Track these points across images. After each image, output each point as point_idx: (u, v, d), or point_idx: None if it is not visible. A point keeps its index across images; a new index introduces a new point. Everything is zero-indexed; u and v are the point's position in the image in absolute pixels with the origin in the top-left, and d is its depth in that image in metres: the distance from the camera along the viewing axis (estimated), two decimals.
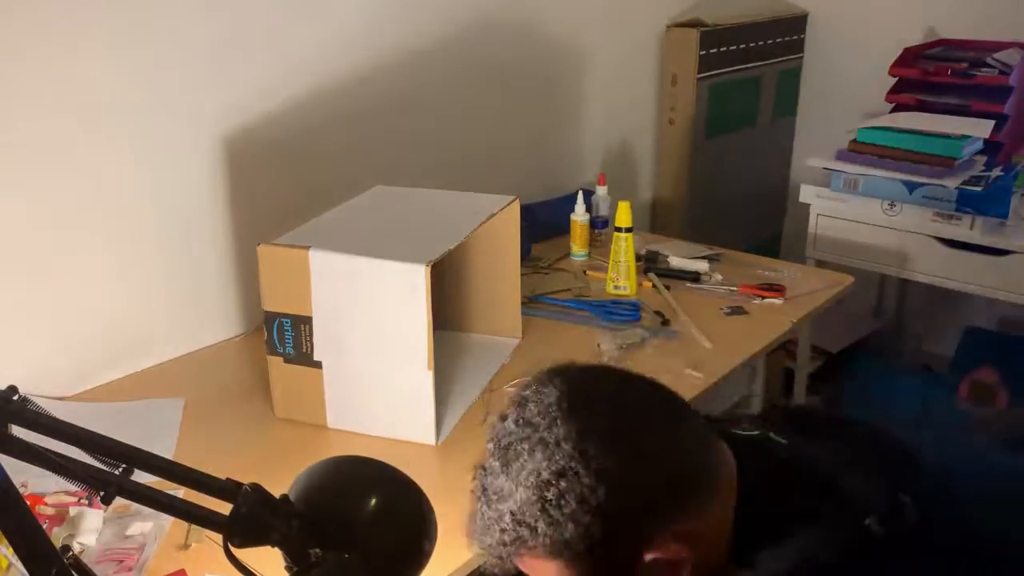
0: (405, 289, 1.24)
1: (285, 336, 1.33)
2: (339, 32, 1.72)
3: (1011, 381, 2.34)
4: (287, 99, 1.67)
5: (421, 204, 1.55)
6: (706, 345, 1.59)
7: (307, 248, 1.28)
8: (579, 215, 2.05)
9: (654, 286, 1.87)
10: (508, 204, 1.51)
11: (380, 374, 1.31)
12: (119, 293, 1.50)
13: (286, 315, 1.32)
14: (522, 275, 1.64)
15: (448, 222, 1.41)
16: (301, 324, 1.31)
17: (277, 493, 0.71)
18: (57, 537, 1.06)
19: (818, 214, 2.35)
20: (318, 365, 1.33)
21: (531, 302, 1.78)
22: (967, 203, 2.14)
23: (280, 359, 1.35)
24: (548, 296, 1.83)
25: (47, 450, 0.65)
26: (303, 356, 1.33)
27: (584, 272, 1.98)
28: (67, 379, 1.45)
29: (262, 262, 1.31)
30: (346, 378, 1.33)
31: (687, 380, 1.45)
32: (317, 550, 0.69)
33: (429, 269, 1.22)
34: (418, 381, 1.28)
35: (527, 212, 2.14)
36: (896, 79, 2.38)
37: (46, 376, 1.42)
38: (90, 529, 1.08)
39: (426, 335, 1.25)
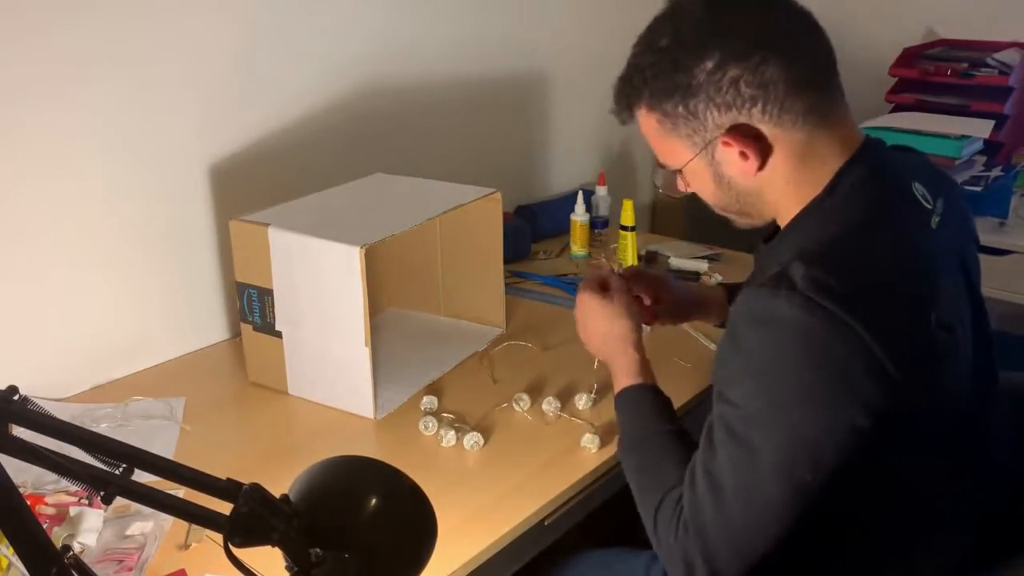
0: (344, 269, 1.30)
1: (253, 306, 1.43)
2: (343, 46, 1.72)
3: None
4: (284, 111, 1.67)
5: (405, 191, 1.59)
6: (707, 345, 1.59)
7: (267, 225, 1.37)
8: (579, 215, 2.05)
9: None
10: (486, 195, 1.55)
11: (327, 348, 1.38)
12: (119, 294, 1.50)
13: (253, 286, 1.42)
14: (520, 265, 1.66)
15: (418, 209, 1.47)
16: (265, 296, 1.41)
17: (278, 493, 0.71)
18: (57, 537, 1.06)
19: None
20: (279, 335, 1.43)
21: (516, 277, 1.83)
22: (967, 203, 2.13)
23: (250, 327, 1.46)
24: (532, 273, 1.84)
25: (47, 450, 0.64)
26: (267, 326, 1.43)
27: (590, 256, 2.00)
28: (67, 379, 1.45)
29: (233, 236, 1.42)
30: (301, 349, 1.42)
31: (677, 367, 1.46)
32: (317, 550, 0.69)
33: (363, 251, 1.28)
34: (357, 357, 1.35)
35: (527, 212, 2.15)
36: (896, 79, 2.38)
37: (46, 376, 1.42)
38: (90, 529, 1.08)
39: (362, 313, 1.31)
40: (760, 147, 0.95)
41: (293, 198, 1.51)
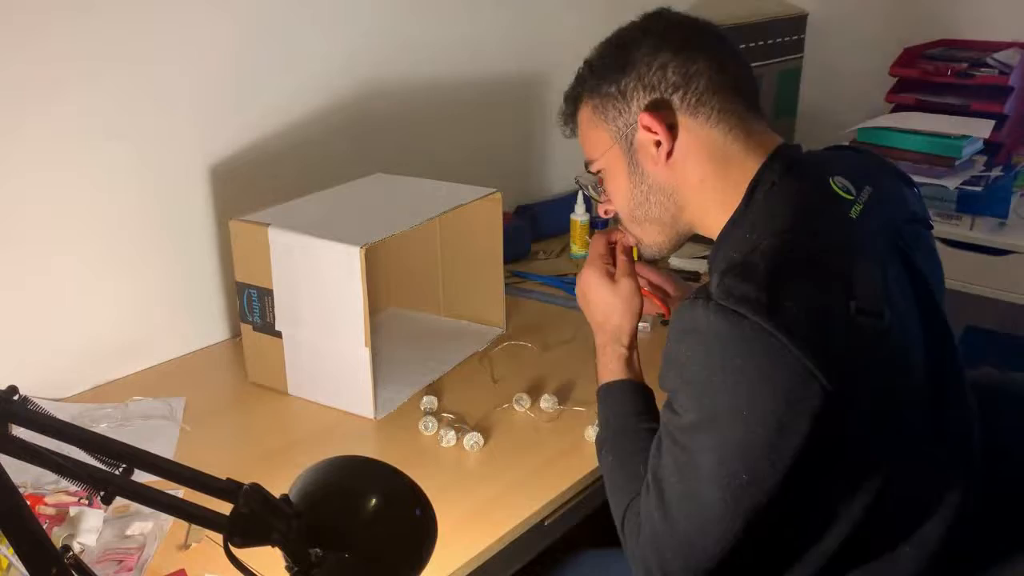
0: (344, 269, 1.30)
1: (253, 306, 1.43)
2: (344, 46, 1.72)
3: None
4: (284, 111, 1.67)
5: (405, 191, 1.59)
6: None
7: (267, 225, 1.37)
8: (579, 215, 2.05)
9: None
10: (486, 195, 1.56)
11: (327, 348, 1.38)
12: (119, 294, 1.50)
13: (253, 286, 1.42)
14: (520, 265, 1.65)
15: (418, 209, 1.47)
16: (265, 296, 1.41)
17: (278, 493, 0.71)
18: (57, 537, 1.06)
19: None
20: (279, 335, 1.43)
21: (516, 277, 1.83)
22: (967, 203, 2.14)
23: (250, 327, 1.46)
24: (533, 273, 1.85)
25: (47, 450, 0.64)
26: (267, 325, 1.43)
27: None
28: (67, 379, 1.45)
29: (233, 236, 1.42)
30: (301, 349, 1.42)
31: None
32: (317, 550, 0.69)
33: (363, 251, 1.28)
34: (357, 357, 1.35)
35: (527, 212, 2.15)
36: (896, 79, 2.38)
37: (46, 376, 1.42)
38: (90, 529, 1.08)
39: (362, 313, 1.31)
40: (673, 136, 1.02)
41: (293, 198, 1.51)
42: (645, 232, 1.11)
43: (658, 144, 1.02)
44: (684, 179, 1.03)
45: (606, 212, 1.16)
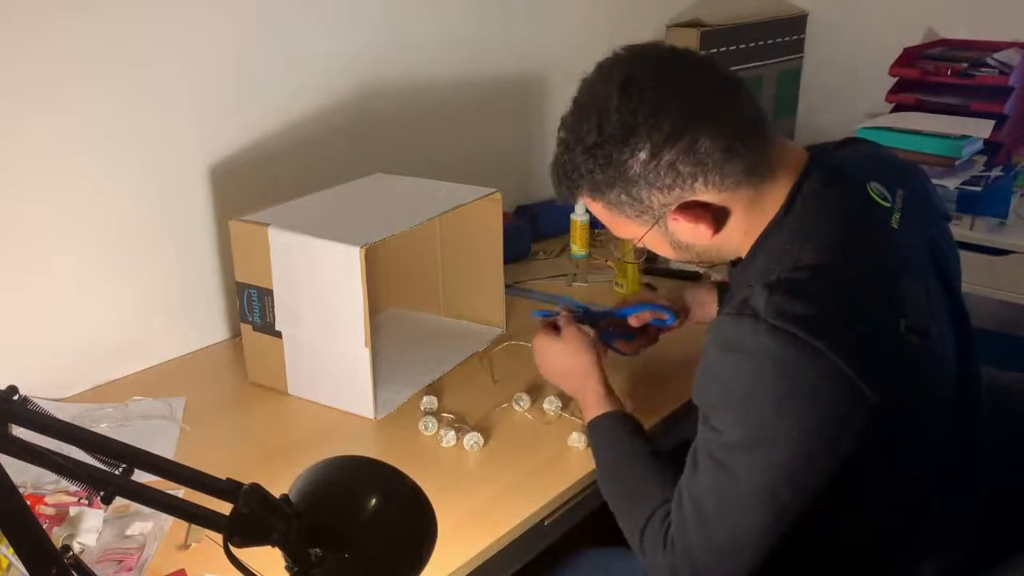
0: (344, 269, 1.30)
1: (253, 306, 1.43)
2: (344, 46, 1.72)
3: None
4: (284, 111, 1.67)
5: (405, 191, 1.59)
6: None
7: (267, 225, 1.36)
8: (579, 215, 2.05)
9: (647, 285, 1.87)
10: (486, 195, 1.56)
11: (327, 348, 1.38)
12: (119, 294, 1.50)
13: (253, 286, 1.42)
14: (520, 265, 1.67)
15: (418, 209, 1.47)
16: (265, 296, 1.41)
17: (278, 493, 0.71)
18: (57, 537, 1.06)
19: None
20: (279, 335, 1.42)
21: (516, 285, 1.86)
22: (967, 203, 2.14)
23: (250, 327, 1.46)
24: (531, 290, 1.86)
25: (47, 450, 0.65)
26: (267, 326, 1.43)
27: (589, 256, 1.99)
28: (67, 379, 1.45)
29: (233, 237, 1.42)
30: (301, 349, 1.42)
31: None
32: (317, 550, 0.69)
33: (363, 251, 1.28)
34: (357, 357, 1.35)
35: (527, 212, 2.15)
36: (896, 79, 2.38)
37: (46, 376, 1.42)
38: (90, 529, 1.08)
39: (362, 313, 1.31)
40: (712, 213, 0.96)
41: (293, 198, 1.51)
42: (699, 266, 1.12)
43: (696, 222, 0.97)
44: (731, 238, 1.00)
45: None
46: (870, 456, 0.89)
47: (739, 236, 0.99)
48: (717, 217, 0.97)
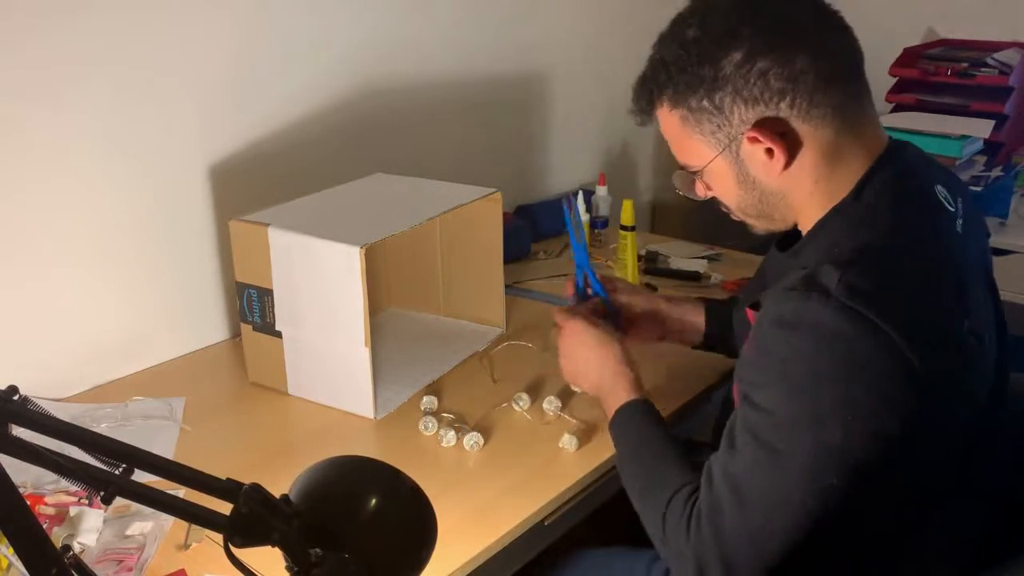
0: (344, 269, 1.30)
1: (253, 306, 1.43)
2: (344, 46, 1.72)
3: None
4: (284, 111, 1.67)
5: (405, 191, 1.59)
6: None
7: (267, 225, 1.37)
8: (579, 214, 2.05)
9: (648, 285, 1.87)
10: (486, 195, 1.56)
11: (328, 348, 1.38)
12: (119, 294, 1.50)
13: (253, 286, 1.42)
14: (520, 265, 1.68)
15: (418, 209, 1.47)
16: (265, 296, 1.41)
17: (278, 493, 0.71)
18: (57, 537, 1.06)
19: None
20: (279, 335, 1.42)
21: (516, 285, 1.86)
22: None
23: (250, 327, 1.46)
24: (533, 291, 1.86)
25: (47, 450, 0.64)
26: (267, 326, 1.43)
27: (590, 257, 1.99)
28: (67, 379, 1.45)
29: (233, 237, 1.42)
30: (301, 349, 1.42)
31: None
32: (317, 550, 0.69)
33: (363, 251, 1.28)
34: (357, 357, 1.35)
35: (527, 212, 2.15)
36: (896, 79, 2.38)
37: (46, 376, 1.42)
38: (90, 529, 1.08)
39: (362, 313, 1.31)
40: (787, 144, 0.94)
41: (293, 198, 1.51)
42: (756, 222, 1.06)
43: (770, 152, 0.94)
44: (800, 184, 0.97)
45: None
46: (904, 451, 0.87)
47: (807, 188, 0.96)
48: (792, 150, 0.94)
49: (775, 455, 0.87)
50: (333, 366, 1.39)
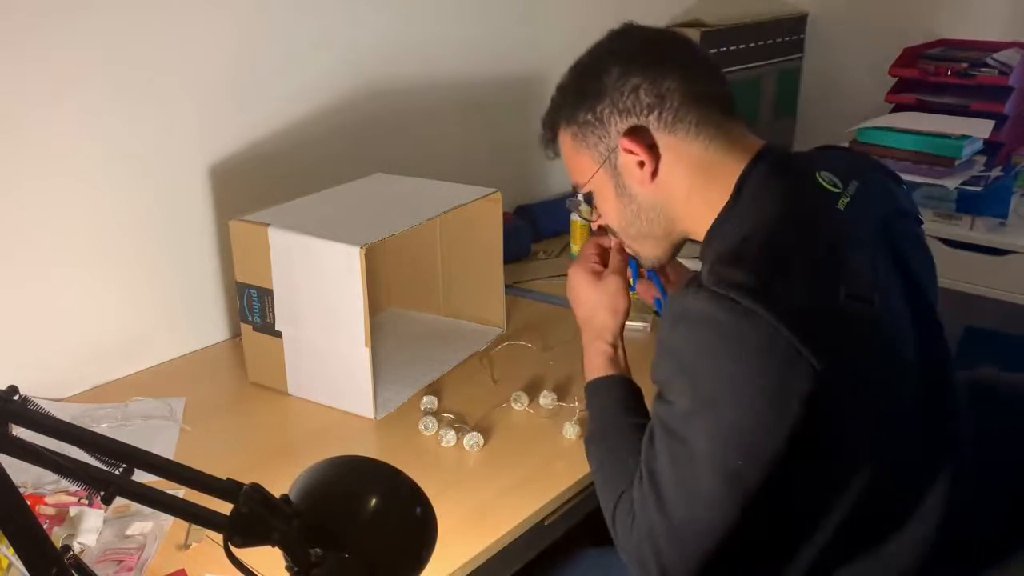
0: (344, 269, 1.30)
1: (253, 306, 1.43)
2: (344, 46, 1.72)
3: None
4: (284, 111, 1.67)
5: (405, 191, 1.59)
6: None
7: (267, 225, 1.37)
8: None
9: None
10: (486, 195, 1.56)
11: (328, 348, 1.38)
12: (119, 294, 1.50)
13: (253, 286, 1.42)
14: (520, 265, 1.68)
15: (418, 209, 1.47)
16: (265, 296, 1.41)
17: (278, 493, 0.71)
18: (57, 537, 1.06)
19: None
20: (279, 335, 1.43)
21: (517, 285, 1.86)
22: (967, 203, 2.14)
23: (250, 327, 1.46)
24: (533, 291, 1.86)
25: (47, 450, 0.65)
26: (267, 326, 1.43)
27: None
28: (67, 379, 1.45)
29: (233, 237, 1.42)
30: (301, 349, 1.42)
31: None
32: (317, 550, 0.69)
33: (363, 251, 1.28)
34: (357, 357, 1.35)
35: (527, 212, 2.15)
36: (896, 79, 2.38)
37: (46, 376, 1.42)
38: (90, 529, 1.08)
39: (362, 313, 1.31)
40: (655, 155, 1.02)
41: (293, 198, 1.51)
42: (641, 246, 1.13)
43: (641, 164, 1.03)
44: (671, 194, 1.04)
45: (599, 227, 1.19)
46: (828, 428, 0.89)
47: (680, 197, 1.04)
48: (659, 160, 1.03)
49: (683, 445, 0.90)
50: (333, 366, 1.39)
